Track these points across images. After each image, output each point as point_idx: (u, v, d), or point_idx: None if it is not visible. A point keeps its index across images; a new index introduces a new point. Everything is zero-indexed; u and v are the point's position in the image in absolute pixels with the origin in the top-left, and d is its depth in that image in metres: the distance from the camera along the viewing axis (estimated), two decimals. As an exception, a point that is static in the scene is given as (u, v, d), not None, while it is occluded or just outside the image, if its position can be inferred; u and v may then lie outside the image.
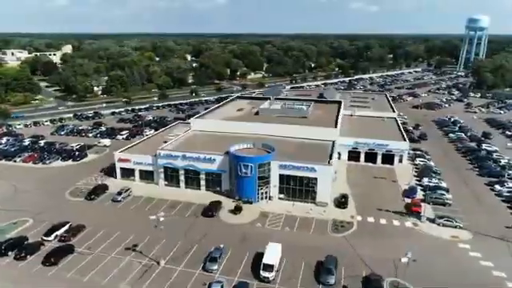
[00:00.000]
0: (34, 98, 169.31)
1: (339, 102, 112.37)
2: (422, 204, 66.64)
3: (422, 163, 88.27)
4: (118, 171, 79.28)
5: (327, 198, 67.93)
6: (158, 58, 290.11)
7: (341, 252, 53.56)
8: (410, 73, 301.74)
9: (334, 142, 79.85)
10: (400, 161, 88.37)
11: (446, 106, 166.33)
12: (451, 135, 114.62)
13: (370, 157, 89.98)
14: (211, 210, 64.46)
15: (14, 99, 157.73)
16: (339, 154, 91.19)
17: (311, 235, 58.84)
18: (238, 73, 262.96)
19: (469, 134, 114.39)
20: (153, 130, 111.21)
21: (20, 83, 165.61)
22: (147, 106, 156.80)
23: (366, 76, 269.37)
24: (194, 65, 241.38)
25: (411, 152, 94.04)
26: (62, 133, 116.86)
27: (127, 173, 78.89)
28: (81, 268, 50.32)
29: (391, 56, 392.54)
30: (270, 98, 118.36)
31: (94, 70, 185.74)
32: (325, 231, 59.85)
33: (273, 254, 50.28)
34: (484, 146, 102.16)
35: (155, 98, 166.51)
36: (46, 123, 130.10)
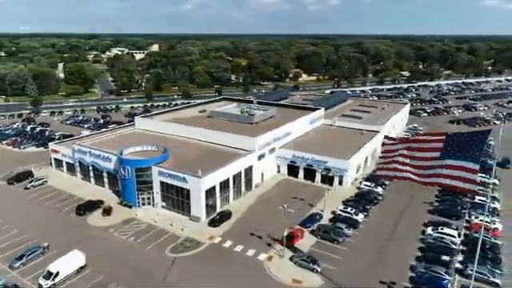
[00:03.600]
0: (85, 90, 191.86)
1: (316, 110, 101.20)
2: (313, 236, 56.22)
3: (365, 188, 73.84)
4: (53, 161, 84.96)
5: (201, 212, 61.93)
6: (229, 58, 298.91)
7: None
8: (498, 81, 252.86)
9: (249, 151, 72.39)
10: (340, 182, 75.23)
11: (497, 122, 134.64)
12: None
13: (310, 174, 78.80)
14: (80, 208, 64.49)
15: (63, 90, 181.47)
16: (278, 166, 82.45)
17: (146, 251, 54.33)
18: (291, 74, 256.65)
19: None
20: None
21: (72, 77, 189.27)
22: (166, 102, 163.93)
23: (433, 83, 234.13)
24: (243, 64, 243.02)
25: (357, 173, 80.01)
26: (68, 123, 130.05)
27: (60, 164, 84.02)
28: None
29: (492, 61, 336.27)
30: (252, 101, 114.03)
31: (136, 67, 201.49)
32: (164, 249, 54.64)
33: (65, 262, 48.12)
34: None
35: (175, 96, 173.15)
36: (67, 113, 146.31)
